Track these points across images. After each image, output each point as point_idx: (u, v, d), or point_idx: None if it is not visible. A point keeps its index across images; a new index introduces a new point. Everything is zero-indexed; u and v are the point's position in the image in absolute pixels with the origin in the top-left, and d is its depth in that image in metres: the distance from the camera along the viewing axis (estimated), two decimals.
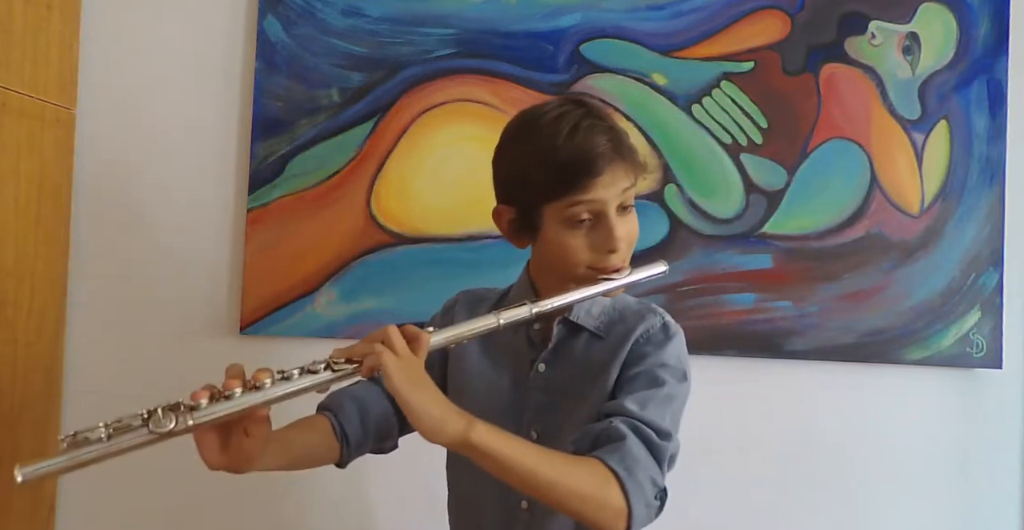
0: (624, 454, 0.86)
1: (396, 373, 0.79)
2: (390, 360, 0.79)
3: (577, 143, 0.91)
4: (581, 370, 0.99)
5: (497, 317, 0.89)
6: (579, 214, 0.92)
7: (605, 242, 0.93)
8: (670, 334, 0.99)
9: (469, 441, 0.80)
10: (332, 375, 0.80)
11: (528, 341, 1.04)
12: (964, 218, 1.55)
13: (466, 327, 0.89)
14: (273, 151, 1.52)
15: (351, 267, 1.51)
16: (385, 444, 1.07)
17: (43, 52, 1.42)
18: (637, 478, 0.85)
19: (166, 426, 0.73)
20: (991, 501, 1.58)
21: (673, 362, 0.97)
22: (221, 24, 1.55)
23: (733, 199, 1.55)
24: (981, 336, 1.54)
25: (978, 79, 1.56)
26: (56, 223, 1.47)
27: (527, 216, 0.96)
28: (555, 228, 0.94)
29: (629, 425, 0.89)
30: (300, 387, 0.79)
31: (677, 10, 1.55)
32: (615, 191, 0.92)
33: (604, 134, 0.93)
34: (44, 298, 1.44)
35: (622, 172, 0.93)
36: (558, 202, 0.92)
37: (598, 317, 1.02)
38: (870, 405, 1.57)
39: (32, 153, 1.40)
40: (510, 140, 0.98)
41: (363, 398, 1.04)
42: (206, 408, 0.76)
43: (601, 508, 0.83)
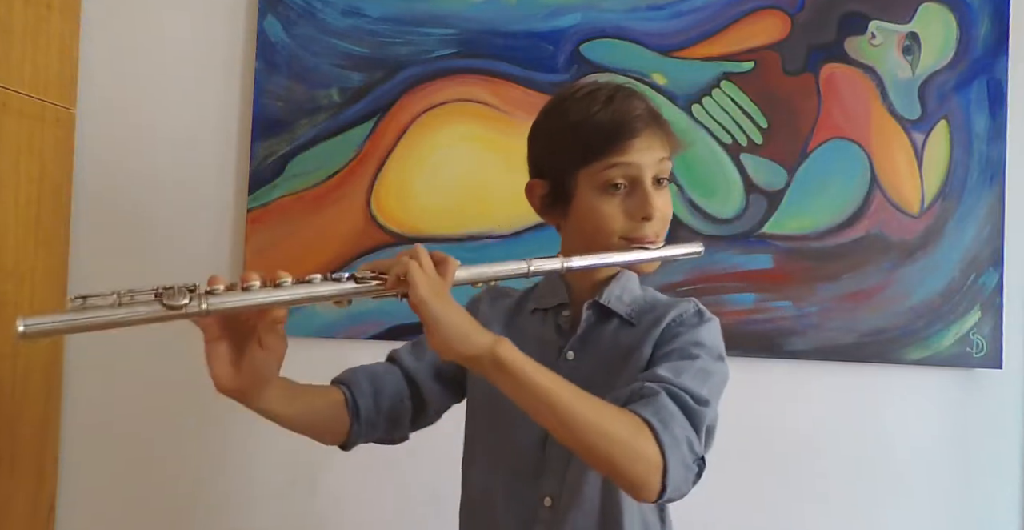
0: (659, 407, 0.80)
1: (422, 282, 0.76)
2: (417, 270, 0.76)
3: (614, 108, 0.91)
4: (611, 357, 0.95)
5: (527, 263, 0.86)
6: (614, 178, 0.90)
7: (640, 208, 0.91)
8: (704, 318, 0.95)
9: (496, 354, 0.76)
10: (355, 286, 0.76)
11: (556, 328, 1.00)
12: (964, 218, 1.55)
13: (494, 268, 0.85)
14: (273, 151, 1.52)
15: (351, 267, 1.51)
16: (395, 433, 1.02)
17: (43, 52, 1.42)
18: (673, 432, 0.78)
19: (179, 302, 0.68)
20: (991, 501, 1.58)
21: (709, 342, 0.92)
22: (221, 24, 1.55)
23: (733, 199, 1.55)
24: (981, 336, 1.54)
25: (978, 79, 1.56)
26: (56, 223, 1.47)
27: (560, 186, 0.94)
28: (589, 195, 0.92)
29: (663, 387, 0.82)
30: (321, 293, 0.75)
31: (677, 10, 1.55)
32: (651, 158, 0.91)
33: (641, 101, 0.93)
34: (44, 298, 1.43)
35: (658, 140, 0.92)
36: (594, 165, 0.90)
37: (629, 304, 0.98)
38: (870, 405, 1.57)
39: (32, 153, 1.40)
40: (545, 115, 0.98)
41: (379, 376, 1.00)
42: (223, 294, 0.71)
43: (634, 458, 0.76)
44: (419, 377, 1.02)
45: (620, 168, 0.90)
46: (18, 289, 1.38)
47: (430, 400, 1.02)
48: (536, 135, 0.99)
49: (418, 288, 0.75)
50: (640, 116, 0.91)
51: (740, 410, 1.54)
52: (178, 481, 1.52)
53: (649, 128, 0.91)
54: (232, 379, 0.77)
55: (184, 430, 1.52)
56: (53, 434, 1.48)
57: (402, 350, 1.05)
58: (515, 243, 1.51)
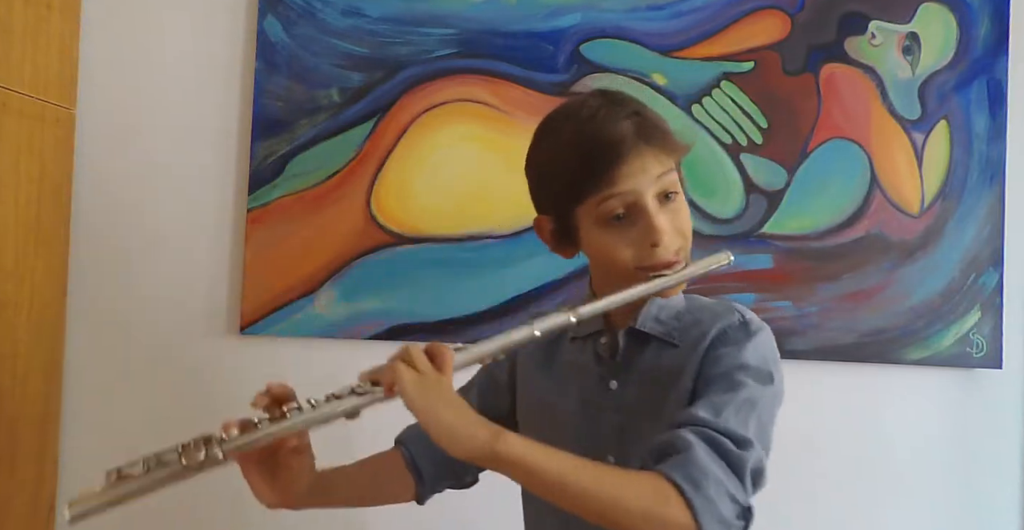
0: (689, 466, 0.74)
1: (411, 389, 0.75)
2: (406, 375, 0.75)
3: (595, 133, 0.84)
4: (655, 383, 0.90)
5: (532, 326, 0.81)
6: (613, 209, 0.85)
7: (646, 236, 0.85)
8: (750, 332, 0.88)
9: (496, 453, 0.72)
10: (357, 399, 0.78)
11: (595, 357, 0.95)
12: (964, 218, 1.56)
13: (499, 340, 0.81)
14: (273, 151, 1.52)
15: (351, 267, 1.51)
16: (466, 478, 1.02)
17: (43, 52, 1.42)
18: (706, 492, 0.73)
19: (197, 457, 0.75)
20: (991, 501, 1.58)
21: (755, 363, 0.85)
22: (221, 24, 1.55)
23: (733, 199, 1.55)
24: (981, 336, 1.54)
25: (978, 79, 1.57)
26: (56, 223, 1.47)
27: (565, 222, 0.89)
28: (591, 230, 0.87)
29: (699, 434, 0.77)
30: (325, 414, 0.78)
31: (677, 10, 1.55)
32: (646, 179, 0.84)
33: (626, 119, 0.85)
34: (44, 298, 1.43)
35: (651, 157, 0.85)
36: (588, 200, 0.85)
37: (667, 322, 0.92)
38: (870, 405, 1.57)
39: (32, 153, 1.40)
40: (534, 145, 0.92)
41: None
42: (236, 439, 0.78)
43: (661, 526, 0.72)
44: None
45: (616, 198, 0.84)
46: (18, 289, 1.38)
47: None
48: (527, 169, 0.94)
49: (405, 394, 0.75)
50: (623, 139, 0.84)
51: None
52: None
53: (636, 149, 0.84)
54: (271, 497, 0.84)
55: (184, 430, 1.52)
56: (53, 434, 1.47)
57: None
58: (515, 243, 1.51)
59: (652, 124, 0.87)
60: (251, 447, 0.77)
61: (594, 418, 0.93)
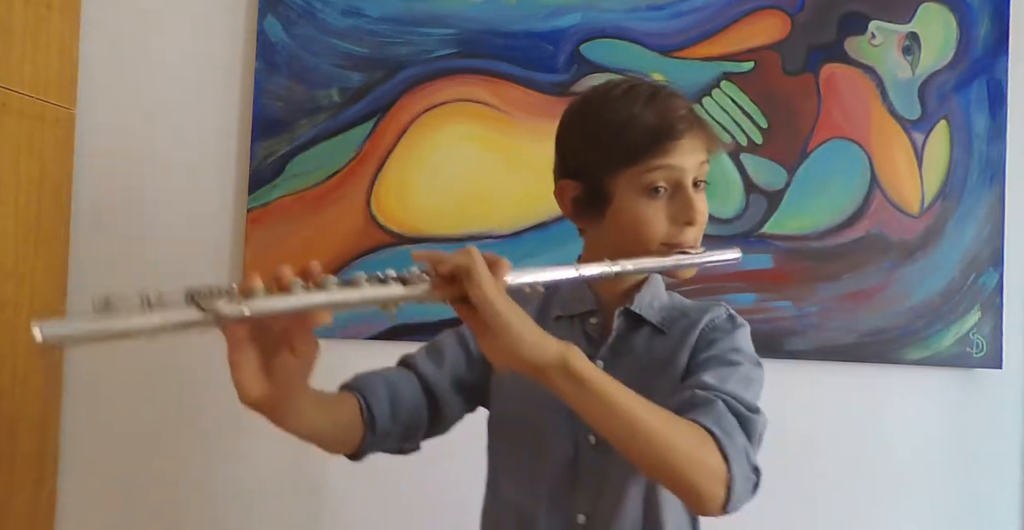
0: (719, 416, 0.78)
1: (487, 280, 0.69)
2: (481, 266, 0.69)
3: (658, 107, 0.88)
4: (643, 367, 0.92)
5: (577, 269, 0.81)
6: (656, 181, 0.87)
7: (683, 212, 0.88)
8: (737, 324, 0.94)
9: (568, 364, 0.71)
10: (404, 289, 0.68)
11: (585, 337, 0.96)
12: (964, 218, 1.56)
13: (544, 272, 0.78)
14: (273, 151, 1.52)
15: (351, 267, 1.51)
16: (407, 444, 0.95)
17: (43, 52, 1.42)
18: (736, 443, 0.76)
19: (216, 304, 0.59)
20: (991, 501, 1.58)
21: (746, 347, 0.91)
22: (221, 24, 1.55)
23: (733, 199, 1.55)
24: (981, 336, 1.54)
25: (978, 79, 1.57)
26: (56, 223, 1.47)
27: (597, 188, 0.90)
28: (630, 198, 0.88)
29: (715, 394, 0.81)
30: (368, 296, 0.66)
31: (677, 10, 1.55)
32: (694, 160, 0.88)
33: (683, 101, 0.90)
34: (44, 298, 1.43)
35: (701, 141, 0.89)
36: (636, 167, 0.87)
37: (660, 311, 0.95)
38: (870, 405, 1.57)
39: (32, 153, 1.40)
40: (580, 113, 0.93)
41: (396, 384, 0.92)
42: (263, 298, 0.62)
43: (700, 470, 0.74)
44: (438, 387, 0.95)
45: (663, 171, 0.87)
46: (18, 289, 1.38)
47: (447, 411, 0.96)
48: (569, 134, 0.94)
49: (483, 286, 0.68)
50: (684, 117, 0.88)
51: None
52: (178, 481, 1.52)
53: (692, 129, 0.88)
54: (262, 389, 0.68)
55: (184, 430, 1.52)
56: (53, 434, 1.47)
57: (418, 356, 0.97)
58: (515, 243, 1.51)
59: (700, 115, 0.92)
60: (279, 311, 0.63)
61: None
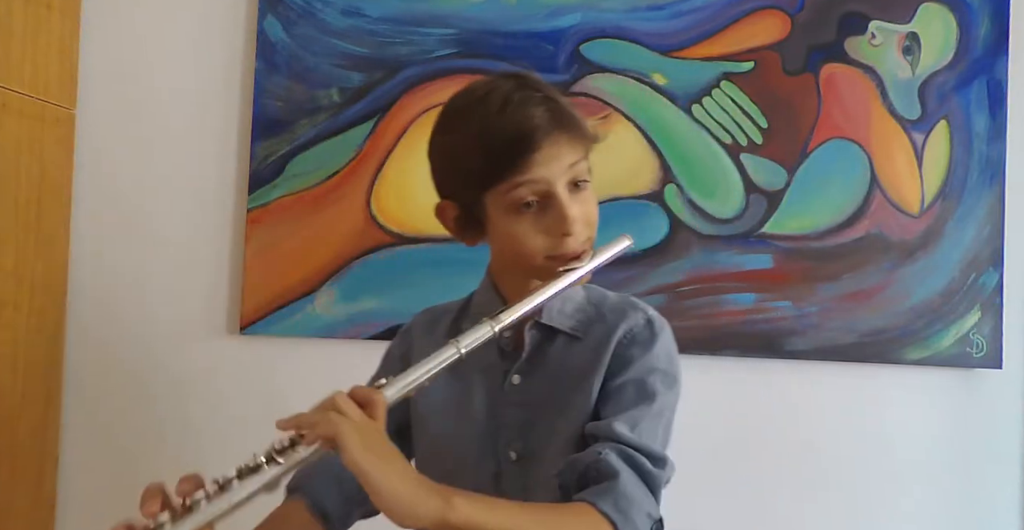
0: (618, 496, 0.78)
1: (353, 444, 0.67)
2: (347, 427, 0.68)
3: (508, 118, 0.82)
4: (560, 378, 0.90)
5: (457, 347, 0.78)
6: (523, 197, 0.82)
7: (557, 224, 0.83)
8: (655, 331, 0.90)
9: (447, 521, 0.69)
10: (280, 467, 0.70)
11: (499, 351, 0.93)
12: (964, 218, 1.55)
13: (423, 368, 0.77)
14: (273, 151, 1.52)
15: (351, 267, 1.51)
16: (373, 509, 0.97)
17: (43, 52, 1.42)
18: (633, 522, 0.77)
19: None
20: (991, 501, 1.58)
21: (663, 365, 0.88)
22: (221, 24, 1.55)
23: (733, 199, 1.55)
24: (981, 336, 1.54)
25: (978, 79, 1.56)
26: (56, 223, 1.47)
27: (470, 209, 0.87)
28: (501, 217, 0.85)
29: (621, 455, 0.80)
30: (244, 496, 0.69)
31: (677, 10, 1.55)
32: (559, 167, 0.83)
33: (539, 105, 0.83)
34: (44, 298, 1.44)
35: (565, 145, 0.83)
36: (497, 187, 0.83)
37: (572, 315, 0.92)
38: (870, 405, 1.57)
39: (32, 153, 1.40)
40: (440, 127, 0.89)
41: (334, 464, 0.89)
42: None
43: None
44: None
45: (527, 186, 0.82)
46: (18, 289, 1.38)
47: None
48: (432, 154, 0.90)
49: (349, 452, 0.67)
50: (538, 125, 0.81)
51: (740, 410, 1.55)
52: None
53: (550, 137, 0.82)
54: None
55: (184, 430, 1.52)
56: (53, 434, 1.48)
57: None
58: None
59: (566, 110, 0.85)
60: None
61: (498, 412, 0.91)
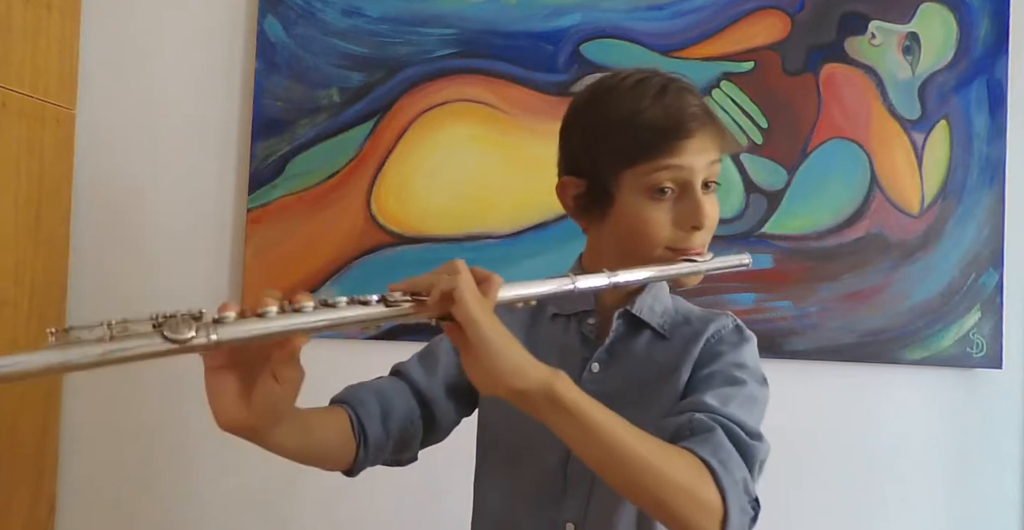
0: (717, 446, 0.73)
1: (472, 296, 0.65)
2: (467, 285, 0.66)
3: (667, 103, 0.83)
4: (642, 372, 0.88)
5: (572, 281, 0.76)
6: (663, 181, 0.82)
7: (691, 216, 0.83)
8: (744, 336, 0.90)
9: (553, 392, 0.67)
10: (386, 310, 0.66)
11: (581, 337, 0.92)
12: (964, 218, 1.55)
13: (539, 286, 0.74)
14: (273, 151, 1.52)
15: (351, 267, 1.51)
16: (403, 454, 0.93)
17: (43, 52, 1.42)
18: (733, 475, 0.72)
19: (184, 334, 0.57)
20: (991, 501, 1.58)
21: (752, 364, 0.86)
22: (221, 24, 1.55)
23: (733, 199, 1.55)
24: (981, 336, 1.54)
25: (978, 79, 1.56)
26: (56, 223, 1.47)
27: (600, 186, 0.86)
28: (634, 198, 0.84)
29: (716, 420, 0.76)
30: (348, 317, 0.64)
31: (677, 10, 1.55)
32: (704, 160, 0.83)
33: (695, 97, 0.85)
34: (44, 298, 1.43)
35: (713, 140, 0.84)
36: (641, 166, 0.82)
37: (662, 315, 0.91)
38: (870, 405, 1.57)
39: (32, 153, 1.40)
40: (585, 106, 0.89)
41: (387, 395, 0.90)
42: (235, 323, 0.60)
43: (695, 504, 0.70)
44: (431, 394, 0.93)
45: (671, 171, 0.82)
46: (18, 289, 1.38)
47: (442, 418, 0.94)
48: (573, 128, 0.90)
49: (468, 305, 0.65)
50: (695, 114, 0.83)
51: None
52: (178, 481, 1.52)
53: (704, 128, 0.83)
54: (240, 416, 0.65)
55: (184, 430, 1.52)
56: (53, 434, 1.47)
57: (409, 364, 0.95)
58: (515, 243, 1.51)
59: (714, 112, 0.87)
60: (252, 338, 0.60)
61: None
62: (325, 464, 0.86)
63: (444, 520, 1.47)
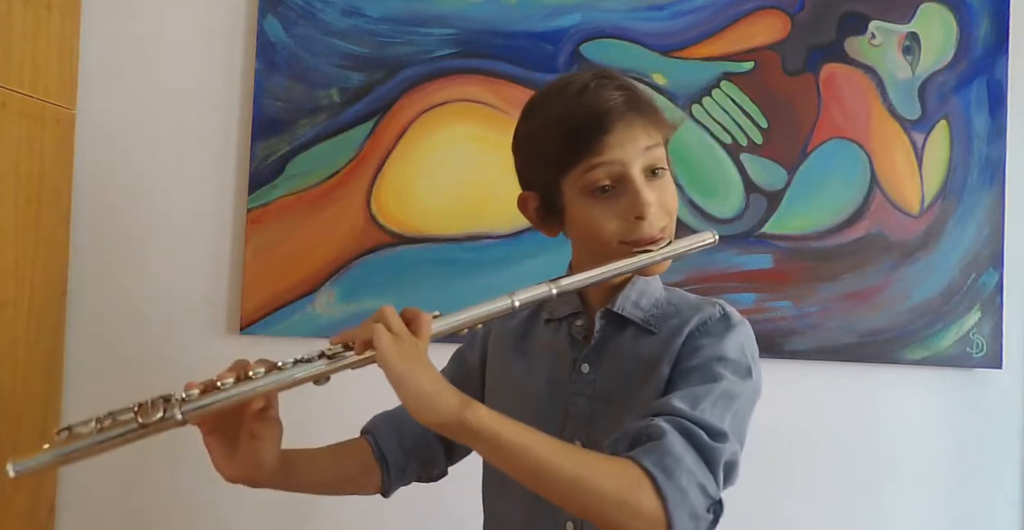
0: (662, 453, 0.72)
1: (387, 347, 0.71)
2: (384, 335, 0.72)
3: (584, 101, 0.83)
4: (628, 370, 0.88)
5: (511, 297, 0.78)
6: (599, 179, 0.83)
7: (632, 207, 0.83)
8: (731, 324, 0.87)
9: (464, 421, 0.70)
10: (328, 363, 0.75)
11: (570, 340, 0.93)
12: (964, 218, 1.56)
13: (477, 310, 0.78)
14: (273, 151, 1.52)
15: (351, 267, 1.51)
16: (432, 471, 0.99)
17: (43, 52, 1.42)
18: (678, 482, 0.71)
19: (153, 417, 0.70)
20: (991, 501, 1.58)
21: (734, 356, 0.83)
22: (221, 24, 1.55)
23: (733, 199, 1.55)
24: (981, 336, 1.54)
25: (978, 79, 1.57)
26: (56, 223, 1.47)
27: (549, 197, 0.88)
28: (577, 202, 0.85)
29: (674, 424, 0.75)
30: (295, 377, 0.74)
31: (677, 10, 1.55)
32: (634, 150, 0.83)
33: (615, 90, 0.85)
34: (44, 298, 1.43)
35: (640, 128, 0.84)
36: (574, 169, 0.84)
37: (648, 310, 0.90)
38: (870, 405, 1.57)
39: (32, 153, 1.40)
40: (523, 117, 0.91)
41: (400, 418, 0.96)
42: (197, 399, 0.72)
43: (631, 514, 0.70)
44: None
45: (602, 168, 0.83)
46: (18, 289, 1.38)
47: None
48: (514, 144, 0.92)
49: (382, 353, 0.71)
50: (613, 107, 0.83)
51: None
52: (178, 481, 1.52)
53: (624, 118, 0.83)
54: (230, 469, 0.78)
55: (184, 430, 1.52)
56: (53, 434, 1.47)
57: None
58: (515, 243, 1.51)
59: (642, 97, 0.87)
60: (212, 410, 0.72)
61: (563, 401, 0.91)
62: (354, 491, 0.95)
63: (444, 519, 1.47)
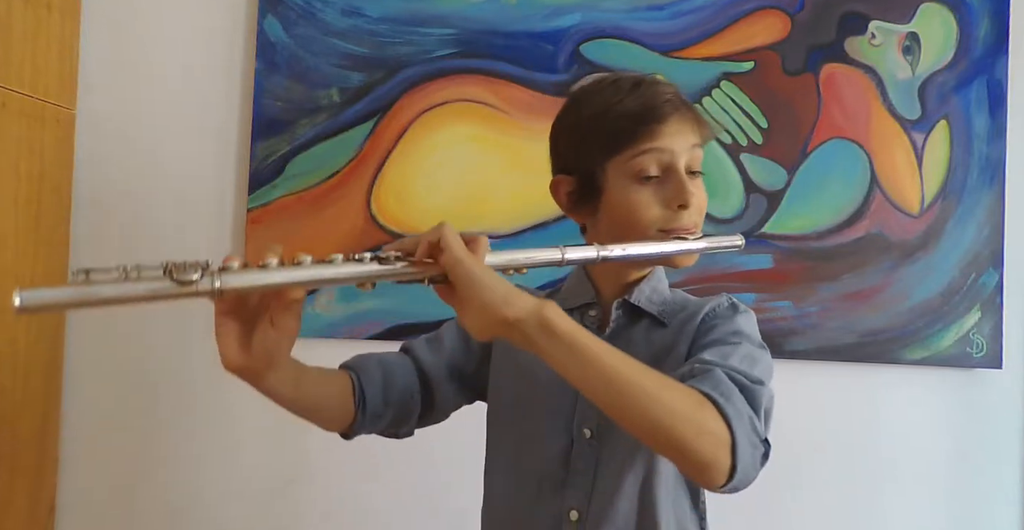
0: (717, 382, 0.74)
1: (458, 245, 0.70)
2: (452, 234, 0.70)
3: (641, 93, 0.88)
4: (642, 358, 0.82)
5: (562, 250, 0.78)
6: (647, 166, 0.86)
7: (676, 195, 0.86)
8: (739, 310, 0.91)
9: (543, 317, 0.69)
10: (379, 267, 0.70)
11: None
12: (964, 218, 1.56)
13: (526, 254, 0.77)
14: (273, 151, 1.52)
15: None
16: (400, 428, 0.97)
17: (43, 52, 1.42)
18: (736, 405, 0.72)
19: (190, 277, 0.62)
20: (991, 501, 1.58)
21: (748, 331, 0.87)
22: (221, 24, 1.55)
23: (733, 199, 1.55)
24: (981, 336, 1.54)
25: (978, 79, 1.57)
26: (56, 223, 1.47)
27: (589, 180, 0.90)
28: (621, 185, 0.88)
29: (715, 365, 0.77)
30: (343, 274, 0.69)
31: (677, 10, 1.55)
32: (684, 143, 0.87)
33: (668, 87, 0.90)
34: None
35: (689, 125, 0.88)
36: (623, 153, 0.87)
37: (660, 304, 0.94)
38: (870, 405, 1.57)
39: (32, 153, 1.40)
40: (569, 107, 0.94)
41: (391, 367, 0.94)
42: (238, 273, 0.65)
43: (699, 432, 0.69)
44: (433, 373, 0.96)
45: (652, 154, 0.86)
46: None
47: (441, 399, 0.97)
48: (559, 130, 0.95)
49: (453, 249, 0.69)
50: (669, 100, 0.87)
51: None
52: (178, 481, 1.52)
53: (679, 112, 0.87)
54: (240, 357, 0.72)
55: (184, 430, 1.52)
56: (53, 434, 1.47)
57: (417, 342, 1.00)
58: (515, 244, 1.51)
59: (689, 102, 0.92)
60: (251, 289, 0.66)
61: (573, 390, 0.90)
62: (322, 419, 0.90)
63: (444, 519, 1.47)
